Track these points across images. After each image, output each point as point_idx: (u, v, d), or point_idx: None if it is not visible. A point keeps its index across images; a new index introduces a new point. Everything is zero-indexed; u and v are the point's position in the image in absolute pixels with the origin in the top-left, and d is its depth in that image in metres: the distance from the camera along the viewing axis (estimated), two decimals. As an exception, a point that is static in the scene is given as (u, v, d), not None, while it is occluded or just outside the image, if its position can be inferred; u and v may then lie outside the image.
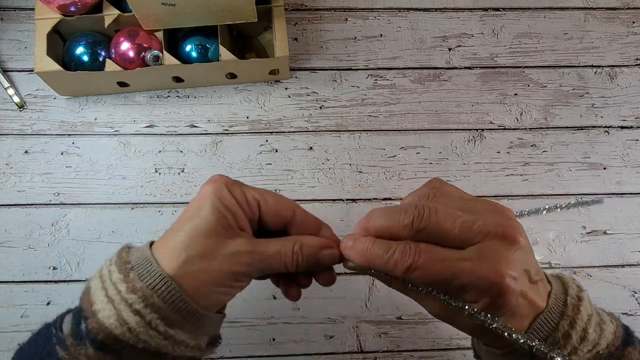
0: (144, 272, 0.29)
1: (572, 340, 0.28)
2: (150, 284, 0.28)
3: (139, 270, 0.29)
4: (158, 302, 0.28)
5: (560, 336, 0.28)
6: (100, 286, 0.29)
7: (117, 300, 0.28)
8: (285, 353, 0.55)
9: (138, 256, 0.30)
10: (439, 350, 0.56)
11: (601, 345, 0.29)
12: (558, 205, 0.32)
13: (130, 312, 0.27)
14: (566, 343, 0.28)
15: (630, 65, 0.65)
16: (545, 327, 0.29)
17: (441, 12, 0.67)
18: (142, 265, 0.29)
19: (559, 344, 0.28)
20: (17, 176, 0.58)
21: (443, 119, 0.63)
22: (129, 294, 0.28)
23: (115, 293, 0.28)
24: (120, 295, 0.28)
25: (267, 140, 0.61)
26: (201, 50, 0.58)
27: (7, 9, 0.63)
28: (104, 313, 0.27)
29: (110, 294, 0.28)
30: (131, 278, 0.28)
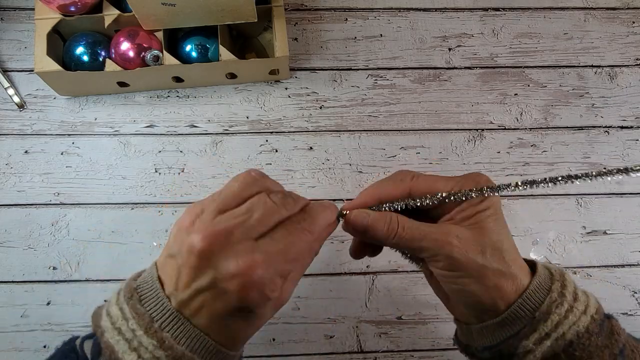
0: (172, 330, 0.28)
1: (567, 299, 0.30)
2: (185, 345, 0.28)
3: (162, 323, 0.28)
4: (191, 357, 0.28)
5: (556, 295, 0.30)
6: (123, 339, 0.28)
7: (146, 357, 0.27)
8: (285, 353, 0.55)
9: (155, 304, 0.28)
10: (439, 350, 0.56)
11: (591, 306, 0.31)
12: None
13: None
14: (562, 301, 0.30)
15: (630, 65, 0.65)
16: (542, 289, 0.31)
17: (441, 12, 0.67)
18: (165, 318, 0.28)
19: (555, 302, 0.30)
20: (17, 176, 0.58)
21: (443, 119, 0.63)
22: (158, 351, 0.27)
23: (139, 346, 0.27)
24: (150, 354, 0.27)
25: (267, 140, 0.61)
26: (201, 50, 0.58)
27: (7, 9, 0.63)
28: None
29: (135, 345, 0.27)
30: (161, 337, 0.27)
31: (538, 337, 0.30)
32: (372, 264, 0.57)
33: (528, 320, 0.30)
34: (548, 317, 0.30)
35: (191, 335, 0.28)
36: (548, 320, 0.30)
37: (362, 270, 0.57)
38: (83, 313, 0.55)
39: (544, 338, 0.30)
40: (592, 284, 0.58)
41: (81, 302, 0.55)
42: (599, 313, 0.31)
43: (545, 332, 0.30)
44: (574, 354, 0.29)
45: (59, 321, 0.54)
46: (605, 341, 0.30)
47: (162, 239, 0.57)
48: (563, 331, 0.29)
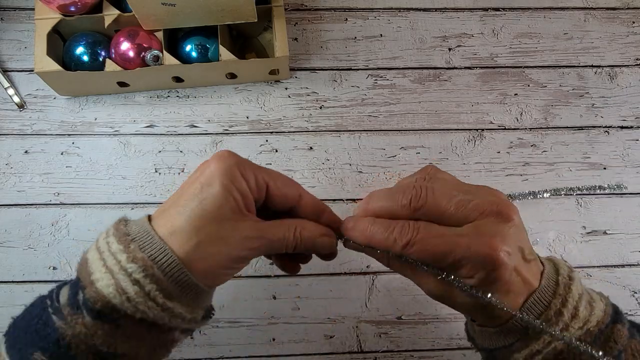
0: (145, 244, 0.28)
1: (564, 318, 0.29)
2: (151, 255, 0.28)
3: (139, 242, 0.29)
4: (158, 273, 0.28)
5: (553, 314, 0.29)
6: (98, 257, 0.29)
7: (116, 270, 0.28)
8: (285, 353, 0.55)
9: (138, 229, 0.30)
10: (439, 350, 0.56)
11: (591, 322, 0.30)
12: (547, 190, 0.33)
13: (129, 281, 0.27)
14: (558, 320, 0.29)
15: (630, 65, 0.65)
16: (538, 305, 0.30)
17: (441, 12, 0.67)
18: (142, 237, 0.29)
19: (551, 321, 0.29)
20: (17, 176, 0.58)
21: (443, 119, 0.63)
22: (129, 264, 0.27)
23: (114, 263, 0.28)
24: (119, 265, 0.28)
25: (267, 140, 0.61)
26: (201, 50, 0.58)
27: (7, 9, 0.63)
28: (102, 282, 0.27)
29: (109, 264, 0.28)
30: (132, 249, 0.28)
31: (529, 353, 0.30)
32: (372, 264, 0.57)
33: (521, 335, 0.30)
34: (540, 337, 0.30)
35: (157, 247, 0.28)
36: (540, 338, 0.30)
37: (362, 270, 0.57)
38: (83, 313, 0.55)
39: (535, 354, 0.30)
40: (592, 284, 0.58)
41: (81, 302, 0.55)
42: (601, 324, 0.30)
43: (537, 350, 0.30)
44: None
45: (59, 321, 0.54)
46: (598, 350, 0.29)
47: (162, 239, 0.57)
48: (554, 346, 0.29)
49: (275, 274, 0.56)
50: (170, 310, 0.28)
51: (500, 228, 0.29)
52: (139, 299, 0.27)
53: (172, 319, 0.29)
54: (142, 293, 0.27)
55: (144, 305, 0.27)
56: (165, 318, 0.28)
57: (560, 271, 0.31)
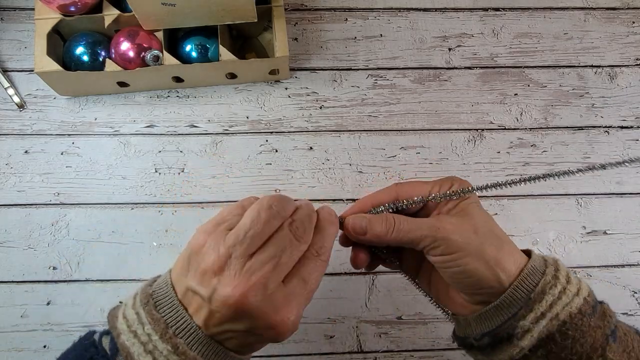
0: (188, 338, 0.29)
1: (560, 281, 0.32)
2: (195, 349, 0.29)
3: (184, 338, 0.29)
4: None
5: (550, 278, 0.32)
6: (143, 350, 0.29)
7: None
8: (285, 353, 0.55)
9: (175, 317, 0.30)
10: (439, 350, 0.56)
11: (583, 289, 0.32)
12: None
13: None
14: (556, 282, 0.32)
15: (630, 65, 0.65)
16: (536, 273, 0.32)
17: (441, 12, 0.67)
18: (185, 332, 0.29)
19: (549, 283, 0.32)
20: (17, 176, 0.58)
21: (443, 119, 0.63)
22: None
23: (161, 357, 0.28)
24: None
25: (267, 140, 0.61)
26: (201, 50, 0.58)
27: (7, 9, 0.63)
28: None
29: (157, 356, 0.28)
30: (181, 351, 0.28)
31: (534, 316, 0.31)
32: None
33: (524, 302, 0.32)
34: (543, 298, 0.31)
35: (203, 342, 0.29)
36: (543, 300, 0.31)
37: (362, 270, 0.57)
38: (83, 313, 0.55)
39: (539, 317, 0.31)
40: (592, 284, 0.57)
41: (81, 302, 0.55)
42: (591, 296, 0.33)
43: (541, 312, 0.31)
44: (567, 333, 0.31)
45: (59, 321, 0.54)
46: (597, 322, 0.31)
47: (162, 239, 0.57)
48: (557, 311, 0.31)
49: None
50: None
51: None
52: None
53: None
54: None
55: None
56: None
57: (542, 254, 0.35)
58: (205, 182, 0.59)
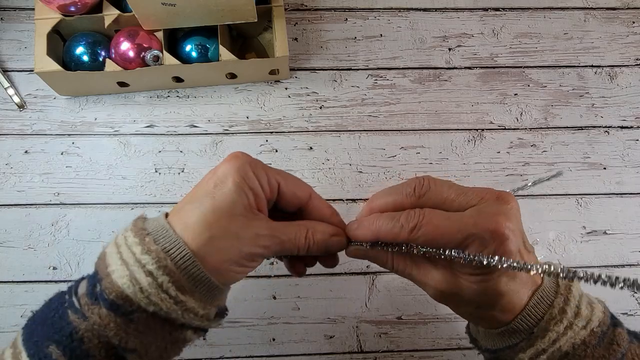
0: (160, 238, 0.29)
1: (567, 316, 0.30)
2: (165, 248, 0.28)
3: (155, 235, 0.29)
4: (171, 265, 0.28)
5: (557, 312, 0.30)
6: (116, 250, 0.29)
7: (131, 262, 0.28)
8: (285, 353, 0.55)
9: (154, 225, 0.30)
10: (439, 350, 0.56)
11: (593, 322, 0.30)
12: (540, 179, 0.34)
13: (142, 272, 0.28)
14: (562, 318, 0.30)
15: (630, 65, 0.65)
16: (542, 304, 0.30)
17: (441, 12, 0.67)
18: (158, 232, 0.29)
19: (555, 319, 0.30)
20: (17, 176, 0.58)
21: (443, 119, 0.63)
22: (143, 255, 0.28)
23: (129, 255, 0.28)
24: (134, 257, 0.28)
25: (267, 140, 0.61)
26: (201, 50, 0.58)
27: (7, 9, 0.63)
28: (117, 273, 0.28)
29: (125, 256, 0.28)
30: (147, 242, 0.29)
31: (534, 352, 0.30)
32: (372, 264, 0.57)
33: (526, 335, 0.30)
34: (546, 335, 0.30)
35: (171, 240, 0.29)
36: (545, 337, 0.30)
37: (362, 270, 0.57)
38: (83, 313, 0.55)
39: (540, 353, 0.30)
40: (592, 284, 0.58)
41: (81, 302, 0.55)
42: (603, 325, 0.30)
43: (542, 348, 0.30)
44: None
45: (59, 321, 0.54)
46: (602, 352, 0.30)
47: (162, 239, 0.57)
48: (559, 346, 0.30)
49: (275, 274, 0.57)
50: (182, 303, 0.29)
51: (502, 208, 0.29)
52: (152, 290, 0.28)
53: (184, 314, 0.29)
54: (155, 284, 0.28)
55: (157, 297, 0.28)
56: (177, 312, 0.29)
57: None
58: (205, 182, 0.59)
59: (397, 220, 0.30)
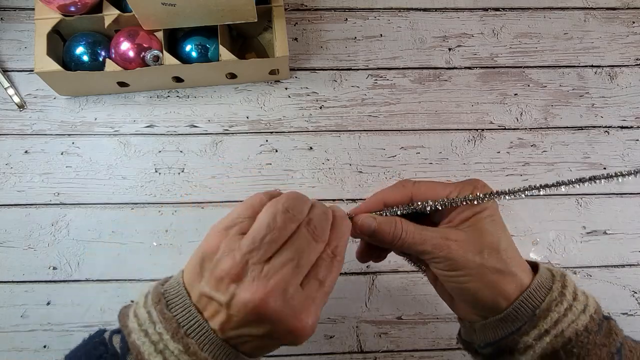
0: (194, 334, 0.29)
1: (566, 298, 0.31)
2: (206, 350, 0.28)
3: (192, 335, 0.29)
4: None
5: (556, 295, 0.32)
6: (153, 348, 0.28)
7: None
8: (285, 353, 0.55)
9: (184, 314, 0.29)
10: (439, 350, 0.56)
11: (590, 307, 0.32)
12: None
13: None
14: (562, 300, 0.31)
15: (630, 65, 0.65)
16: (542, 288, 0.32)
17: (441, 12, 0.67)
18: (191, 326, 0.29)
19: (555, 300, 0.31)
20: (17, 176, 0.58)
21: (443, 119, 0.63)
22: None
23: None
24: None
25: (267, 140, 0.61)
26: (201, 50, 0.58)
27: (7, 9, 0.63)
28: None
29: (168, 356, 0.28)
30: (192, 351, 0.28)
31: (538, 333, 0.31)
32: (373, 264, 0.57)
33: (528, 317, 0.31)
34: (548, 315, 0.31)
35: (215, 343, 0.29)
36: (547, 317, 0.31)
37: (362, 270, 0.57)
38: (83, 313, 0.55)
39: (543, 334, 0.31)
40: (592, 284, 0.58)
41: (81, 302, 0.55)
42: (598, 313, 0.32)
43: (545, 329, 0.31)
44: (572, 350, 0.30)
45: (59, 321, 0.54)
46: (603, 339, 0.31)
47: (162, 239, 0.57)
48: (562, 328, 0.31)
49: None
50: None
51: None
52: None
53: None
54: None
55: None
56: None
57: (550, 267, 0.34)
58: (205, 182, 0.59)
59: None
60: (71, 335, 0.54)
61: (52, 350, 0.54)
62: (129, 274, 0.56)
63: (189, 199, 0.58)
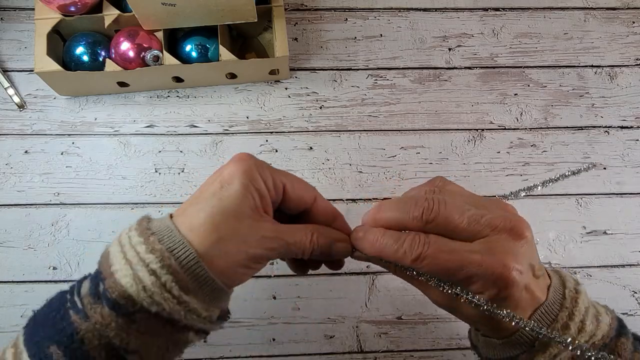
0: (165, 238, 0.29)
1: (570, 332, 0.29)
2: (169, 248, 0.28)
3: (159, 235, 0.29)
4: (175, 265, 0.28)
5: (559, 327, 0.29)
6: (119, 250, 0.29)
7: (134, 261, 0.28)
8: (285, 353, 0.55)
9: (159, 225, 0.30)
10: (439, 350, 0.56)
11: (597, 336, 0.30)
12: (551, 179, 0.33)
13: (146, 271, 0.27)
14: (564, 334, 0.29)
15: (630, 65, 0.65)
16: (546, 318, 0.30)
17: (441, 12, 0.67)
18: (162, 232, 0.29)
19: (556, 337, 0.29)
20: (17, 176, 0.58)
21: (443, 119, 0.63)
22: (147, 254, 0.28)
23: (133, 254, 0.28)
24: (138, 256, 0.28)
25: (267, 140, 0.61)
26: (201, 50, 0.58)
27: (7, 9, 0.63)
28: (120, 272, 0.28)
29: (129, 255, 0.28)
30: (151, 241, 0.28)
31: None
32: (373, 264, 0.57)
33: (527, 348, 0.30)
34: (547, 349, 0.29)
35: (176, 240, 0.29)
36: (547, 352, 0.29)
37: (362, 270, 0.57)
38: (83, 313, 0.55)
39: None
40: (592, 284, 0.58)
41: (81, 302, 0.55)
42: (606, 338, 0.30)
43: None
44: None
45: (59, 321, 0.54)
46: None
47: (162, 239, 0.57)
48: (560, 359, 0.29)
49: (276, 274, 0.57)
50: (185, 304, 0.28)
51: (513, 246, 0.29)
52: (155, 289, 0.27)
53: (187, 315, 0.29)
54: (158, 283, 0.27)
55: (160, 297, 0.27)
56: (180, 312, 0.28)
57: (566, 284, 0.31)
58: (205, 182, 0.59)
59: (401, 244, 0.30)
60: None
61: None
62: (129, 274, 0.56)
63: (189, 199, 0.58)
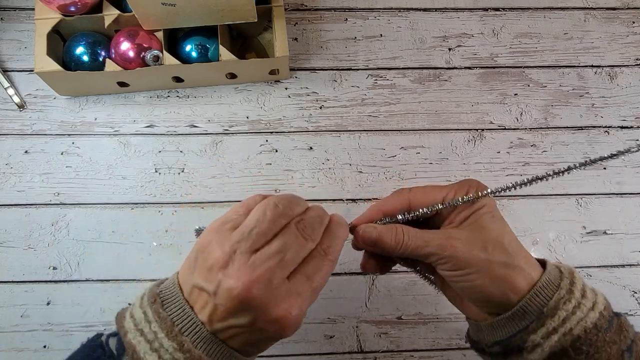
0: (185, 329, 0.29)
1: (574, 296, 0.31)
2: (194, 342, 0.29)
3: (180, 326, 0.29)
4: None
5: (565, 292, 0.31)
6: (144, 340, 0.29)
7: (166, 357, 0.29)
8: (285, 353, 0.55)
9: (176, 309, 0.30)
10: (439, 350, 0.56)
11: (599, 303, 0.31)
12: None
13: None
14: (570, 297, 0.31)
15: (630, 65, 0.65)
16: (550, 286, 0.32)
17: (441, 12, 0.67)
18: (181, 319, 0.30)
19: (563, 298, 0.31)
20: (17, 176, 0.58)
21: (443, 119, 0.63)
22: (177, 354, 0.29)
23: (161, 349, 0.29)
24: (168, 354, 0.29)
25: (267, 140, 0.61)
26: (201, 50, 0.58)
27: (7, 9, 0.63)
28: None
29: (156, 346, 0.29)
30: (186, 348, 0.29)
31: (545, 331, 0.31)
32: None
33: (536, 316, 0.31)
34: (555, 313, 0.31)
35: (207, 339, 0.29)
36: (555, 315, 0.31)
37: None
38: (83, 313, 0.55)
39: (551, 333, 0.31)
40: (592, 284, 0.57)
41: (81, 302, 0.55)
42: (608, 310, 0.32)
43: (553, 327, 0.31)
44: (581, 348, 0.30)
45: (59, 321, 0.54)
46: (613, 337, 0.31)
47: (162, 239, 0.57)
48: (570, 326, 0.30)
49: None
50: None
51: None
52: None
53: None
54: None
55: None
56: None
57: (558, 264, 0.34)
58: (205, 182, 0.59)
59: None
60: (71, 335, 0.54)
61: (52, 351, 0.54)
62: (129, 274, 0.56)
63: (189, 199, 0.58)
